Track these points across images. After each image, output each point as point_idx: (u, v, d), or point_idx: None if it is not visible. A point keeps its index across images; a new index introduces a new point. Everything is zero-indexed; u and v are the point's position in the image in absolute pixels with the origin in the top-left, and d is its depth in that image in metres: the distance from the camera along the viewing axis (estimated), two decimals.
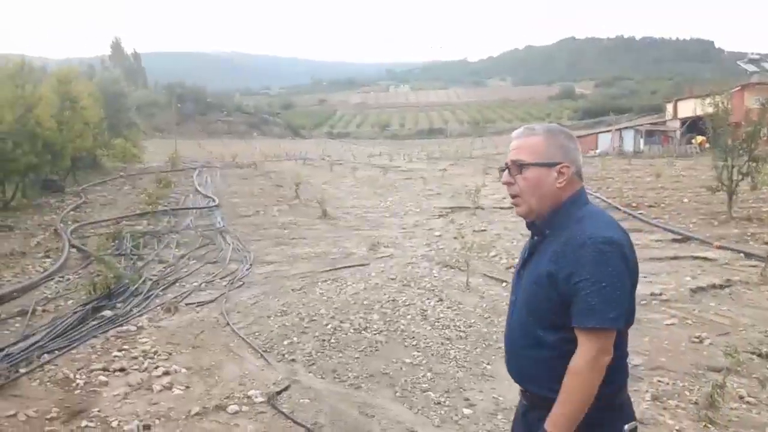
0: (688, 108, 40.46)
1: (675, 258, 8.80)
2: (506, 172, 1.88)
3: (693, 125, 33.19)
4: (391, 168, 25.70)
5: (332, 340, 5.39)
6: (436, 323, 5.94)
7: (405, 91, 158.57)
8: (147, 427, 3.72)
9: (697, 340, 5.48)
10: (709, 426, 3.86)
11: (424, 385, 4.54)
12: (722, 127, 11.98)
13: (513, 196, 1.88)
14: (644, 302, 6.62)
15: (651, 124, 45.08)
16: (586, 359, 1.64)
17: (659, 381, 4.61)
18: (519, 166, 1.83)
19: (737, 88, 30.29)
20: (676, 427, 3.90)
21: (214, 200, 15.85)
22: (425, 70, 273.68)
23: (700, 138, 31.07)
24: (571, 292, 1.67)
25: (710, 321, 6.02)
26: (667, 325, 5.90)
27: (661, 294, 6.86)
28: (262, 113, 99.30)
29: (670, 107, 47.39)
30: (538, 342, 1.77)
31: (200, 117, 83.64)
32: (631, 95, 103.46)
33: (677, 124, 41.24)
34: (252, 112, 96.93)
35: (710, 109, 12.27)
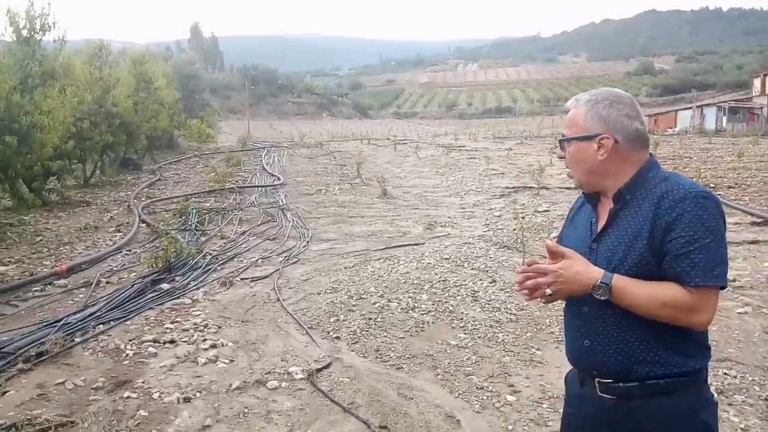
0: None
1: (753, 242, 8.19)
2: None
3: None
4: (456, 147, 25.30)
5: (378, 319, 5.32)
6: (487, 305, 5.75)
7: (473, 70, 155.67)
8: (187, 399, 3.78)
9: None
10: None
11: (467, 369, 4.40)
12: None
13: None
14: None
15: (735, 100, 42.38)
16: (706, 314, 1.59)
17: (725, 374, 4.26)
18: (564, 141, 1.80)
19: None
20: (741, 425, 3.59)
21: (278, 178, 16.16)
22: (495, 47, 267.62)
23: None
24: (667, 247, 1.58)
25: None
26: (739, 313, 5.47)
27: (734, 280, 6.37)
28: (331, 94, 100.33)
29: (757, 82, 44.20)
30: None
31: (272, 98, 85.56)
32: (715, 70, 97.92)
33: (765, 100, 38.49)
34: (321, 93, 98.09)
35: None
